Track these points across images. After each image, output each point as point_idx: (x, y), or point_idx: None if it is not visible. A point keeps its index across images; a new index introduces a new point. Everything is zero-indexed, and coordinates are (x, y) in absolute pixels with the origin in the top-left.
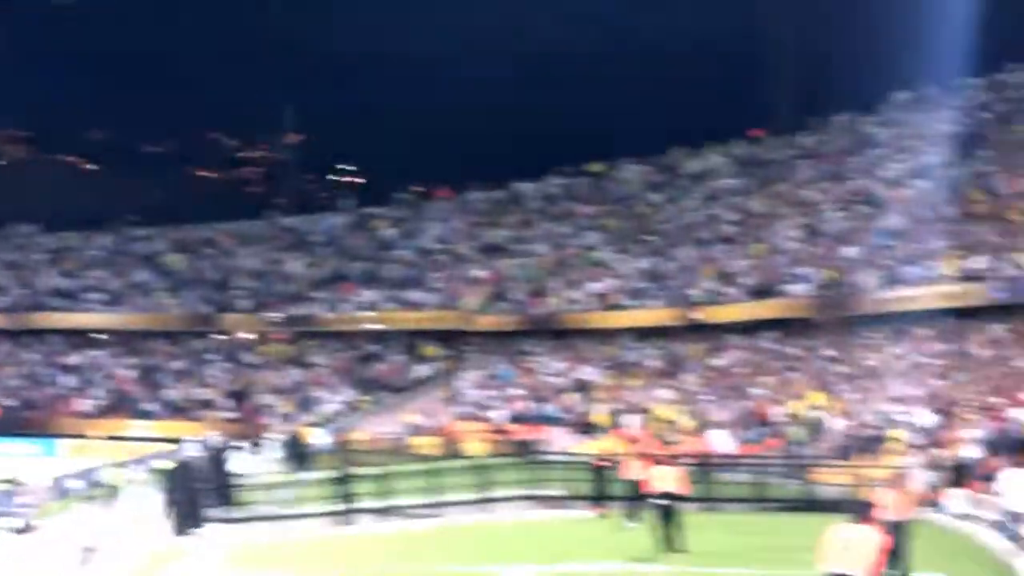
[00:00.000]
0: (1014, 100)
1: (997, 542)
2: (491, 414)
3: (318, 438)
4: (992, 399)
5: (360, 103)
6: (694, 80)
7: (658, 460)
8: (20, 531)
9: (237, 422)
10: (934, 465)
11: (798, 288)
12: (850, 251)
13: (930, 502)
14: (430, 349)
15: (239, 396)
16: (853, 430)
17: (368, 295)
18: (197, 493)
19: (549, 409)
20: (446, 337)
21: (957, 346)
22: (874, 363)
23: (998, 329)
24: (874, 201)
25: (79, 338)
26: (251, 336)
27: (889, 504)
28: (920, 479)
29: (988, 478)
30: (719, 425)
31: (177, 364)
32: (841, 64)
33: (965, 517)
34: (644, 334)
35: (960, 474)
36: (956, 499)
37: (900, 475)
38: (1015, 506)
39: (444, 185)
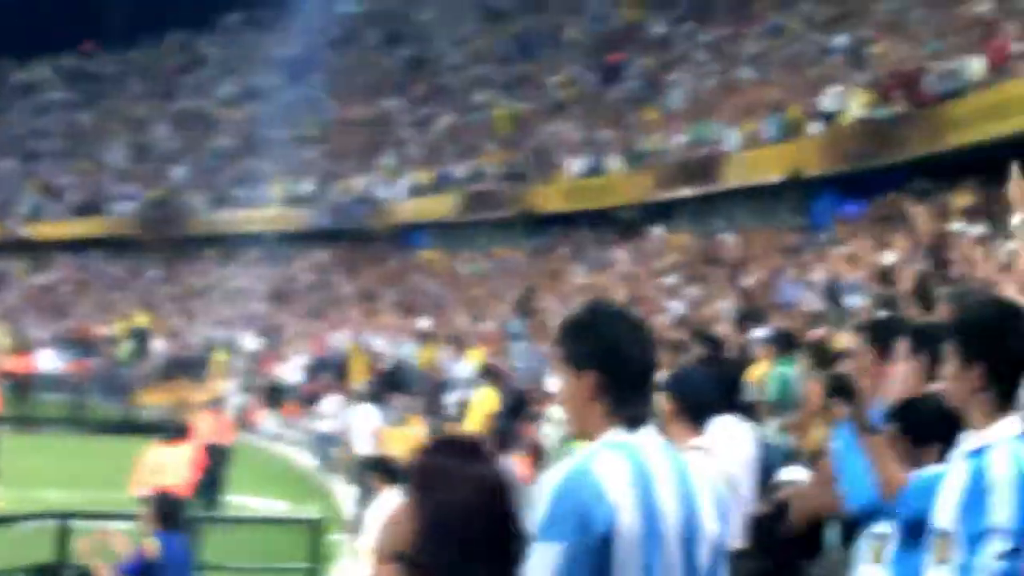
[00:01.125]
0: (349, 28)
1: (310, 462)
2: None
3: None
4: (315, 324)
5: None
6: None
7: None
8: None
9: None
10: (255, 388)
11: (125, 207)
12: (179, 171)
13: (248, 425)
14: None
15: None
16: (177, 352)
17: None
18: None
19: None
20: None
21: (283, 270)
22: (201, 285)
23: (322, 255)
24: (205, 121)
25: None
26: None
27: (205, 426)
28: (238, 402)
29: (310, 401)
30: (41, 344)
31: None
32: None
33: (281, 439)
34: None
35: (279, 397)
36: (273, 422)
37: (218, 398)
38: (328, 428)
39: None
